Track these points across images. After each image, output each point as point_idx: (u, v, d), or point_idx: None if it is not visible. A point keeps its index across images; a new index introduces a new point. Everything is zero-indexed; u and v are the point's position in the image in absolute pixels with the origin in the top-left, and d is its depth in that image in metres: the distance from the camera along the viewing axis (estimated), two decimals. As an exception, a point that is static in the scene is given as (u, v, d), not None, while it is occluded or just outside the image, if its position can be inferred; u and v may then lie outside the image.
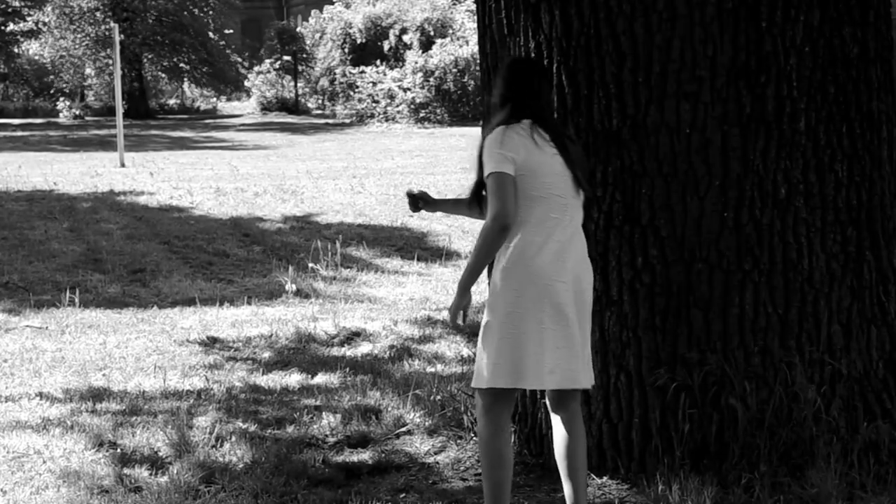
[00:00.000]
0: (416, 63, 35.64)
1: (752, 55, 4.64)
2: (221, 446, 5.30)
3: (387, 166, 21.43)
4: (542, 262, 4.01)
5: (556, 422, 4.22)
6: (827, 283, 4.78)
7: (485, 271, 4.19)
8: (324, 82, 41.98)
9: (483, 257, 4.05)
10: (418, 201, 4.58)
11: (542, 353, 4.02)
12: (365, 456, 5.22)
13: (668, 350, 4.73)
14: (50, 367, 7.07)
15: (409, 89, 35.26)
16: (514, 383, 4.07)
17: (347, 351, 7.51)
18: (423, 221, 14.00)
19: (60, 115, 39.07)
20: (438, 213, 14.60)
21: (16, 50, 41.80)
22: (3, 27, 40.11)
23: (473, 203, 4.30)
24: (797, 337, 4.74)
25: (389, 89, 35.63)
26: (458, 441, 5.34)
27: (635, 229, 4.73)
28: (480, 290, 5.37)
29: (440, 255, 11.84)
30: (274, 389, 6.45)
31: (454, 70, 35.11)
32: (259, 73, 43.31)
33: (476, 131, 6.01)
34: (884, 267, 4.95)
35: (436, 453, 5.24)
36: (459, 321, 4.14)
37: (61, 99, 40.37)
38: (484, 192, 4.15)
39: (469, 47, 34.71)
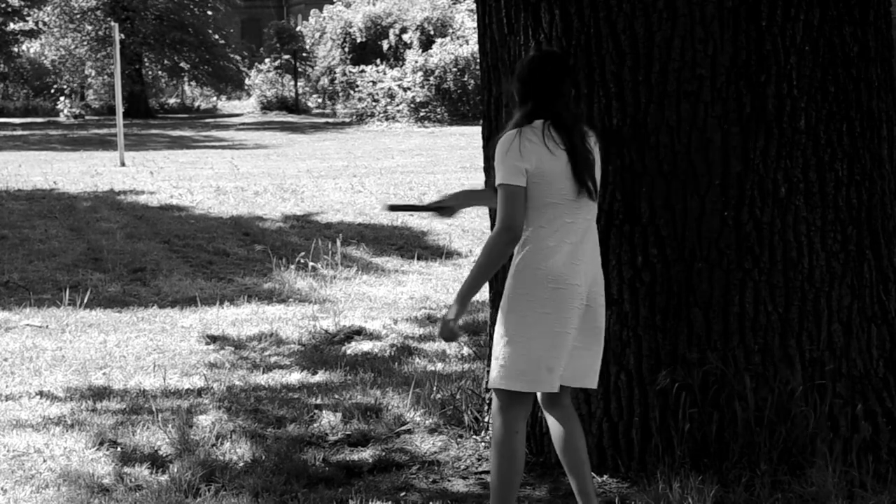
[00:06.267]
0: (416, 62, 35.67)
1: (752, 54, 4.64)
2: (222, 445, 5.30)
3: (387, 165, 21.44)
4: (555, 265, 3.98)
5: (552, 420, 4.21)
6: (827, 282, 4.78)
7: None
8: (324, 81, 42.01)
9: (488, 269, 3.98)
10: (443, 210, 4.40)
11: (558, 357, 4.01)
12: (365, 454, 5.23)
13: (668, 349, 4.73)
14: (50, 366, 7.07)
15: (409, 88, 35.29)
16: (528, 387, 4.04)
17: (348, 349, 7.51)
18: (423, 221, 14.00)
19: (61, 114, 39.09)
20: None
21: (16, 49, 41.81)
22: (3, 27, 40.11)
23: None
24: (797, 336, 4.74)
25: (389, 88, 35.66)
26: (459, 440, 5.34)
27: (635, 228, 4.73)
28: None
29: (440, 253, 11.85)
30: (274, 388, 6.45)
31: (454, 69, 35.13)
32: (259, 72, 43.34)
33: (476, 130, 6.01)
34: (884, 266, 4.95)
35: (436, 452, 5.24)
36: (455, 332, 4.00)
37: (61, 98, 40.38)
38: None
39: (469, 46, 34.73)
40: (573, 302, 4.00)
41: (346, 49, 40.73)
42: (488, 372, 4.40)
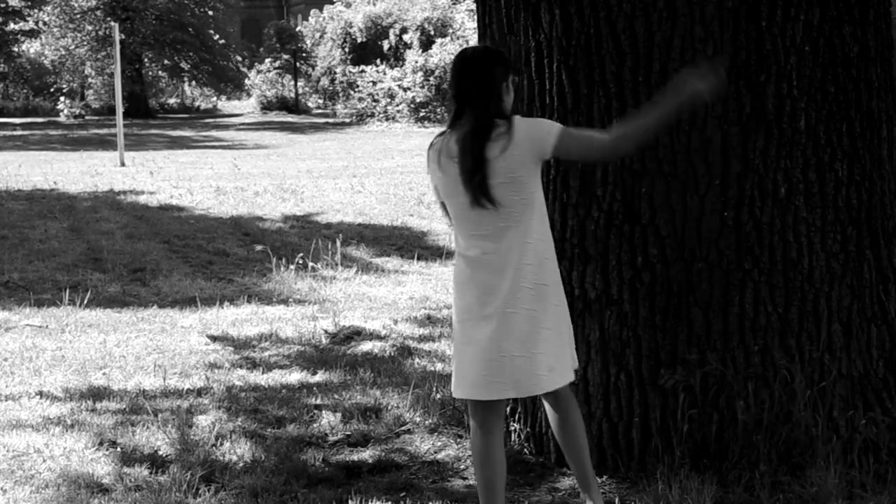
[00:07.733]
0: (416, 62, 35.70)
1: (752, 54, 4.64)
2: (221, 445, 5.30)
3: (387, 165, 21.45)
4: (480, 275, 3.95)
5: (547, 407, 4.23)
6: (827, 282, 4.77)
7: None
8: (324, 81, 42.03)
9: None
10: None
11: (477, 364, 3.98)
12: (365, 455, 5.23)
13: (668, 349, 4.73)
14: (50, 366, 7.06)
15: (409, 88, 35.31)
16: (474, 395, 4.03)
17: (347, 350, 7.51)
18: (423, 221, 14.01)
19: (61, 114, 39.10)
20: (438, 213, 14.67)
21: (16, 49, 41.83)
22: (3, 27, 40.14)
23: None
24: (797, 336, 4.74)
25: (389, 88, 35.69)
26: (458, 440, 5.34)
27: (635, 228, 4.73)
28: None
29: (440, 254, 11.84)
30: (274, 388, 6.44)
31: (454, 69, 35.11)
32: (259, 72, 43.36)
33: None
34: (884, 266, 4.95)
35: (436, 452, 5.24)
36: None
37: (62, 98, 40.40)
38: None
39: (469, 47, 34.70)
40: (485, 311, 3.95)
41: (347, 49, 40.74)
42: None
